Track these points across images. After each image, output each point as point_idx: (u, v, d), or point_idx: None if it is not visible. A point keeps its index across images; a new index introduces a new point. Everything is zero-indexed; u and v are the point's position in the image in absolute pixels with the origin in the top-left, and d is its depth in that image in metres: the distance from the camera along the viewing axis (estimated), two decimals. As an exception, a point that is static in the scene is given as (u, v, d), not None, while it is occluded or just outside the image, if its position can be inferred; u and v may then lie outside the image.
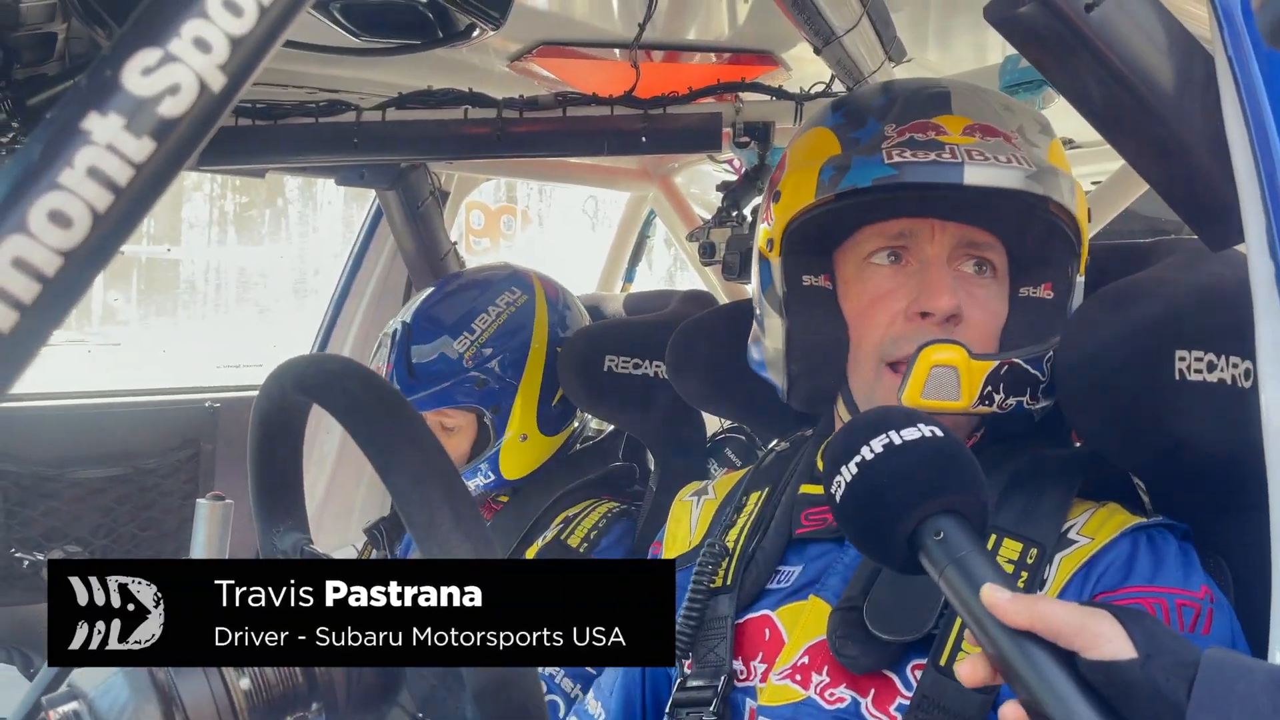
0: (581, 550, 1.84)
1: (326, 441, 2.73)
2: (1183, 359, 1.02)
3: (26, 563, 2.20)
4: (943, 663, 1.03)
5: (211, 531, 1.46)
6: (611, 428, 2.18)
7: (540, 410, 1.95)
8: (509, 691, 0.72)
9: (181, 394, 2.64)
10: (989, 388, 1.11)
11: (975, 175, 1.09)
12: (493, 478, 1.93)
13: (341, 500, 2.81)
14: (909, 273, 1.18)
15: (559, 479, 1.97)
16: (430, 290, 2.05)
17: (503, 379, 1.93)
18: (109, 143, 0.45)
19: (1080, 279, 1.20)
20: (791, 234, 1.22)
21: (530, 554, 1.87)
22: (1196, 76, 0.94)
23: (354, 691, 0.81)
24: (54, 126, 0.44)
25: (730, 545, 1.27)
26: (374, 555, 2.04)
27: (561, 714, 1.68)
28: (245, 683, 0.77)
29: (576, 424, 2.04)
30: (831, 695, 1.11)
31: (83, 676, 0.77)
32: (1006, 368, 1.12)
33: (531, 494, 1.95)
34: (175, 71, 0.46)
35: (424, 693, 0.83)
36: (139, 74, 0.46)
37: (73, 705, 0.75)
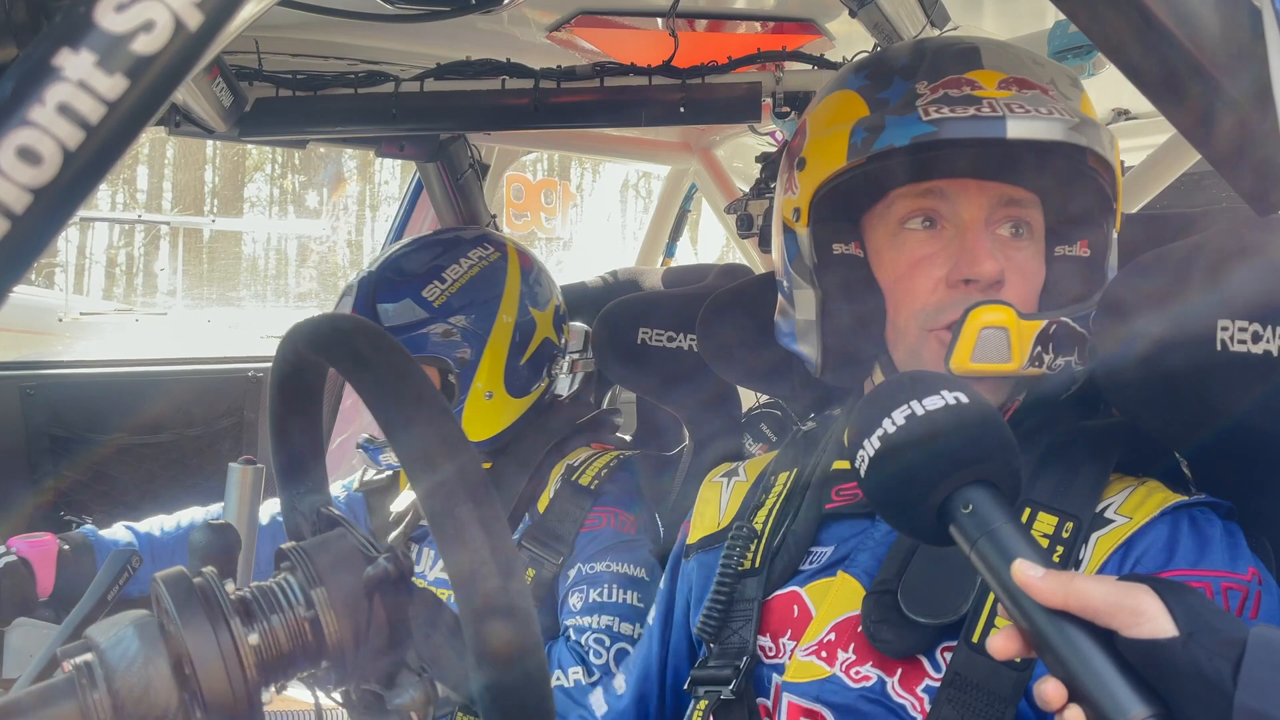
0: (592, 487, 1.85)
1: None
2: (1225, 329, 0.98)
3: (75, 526, 2.25)
4: (975, 639, 1.01)
5: (243, 494, 1.49)
6: (578, 386, 2.16)
7: (508, 369, 1.93)
8: (510, 650, 0.71)
9: (226, 363, 2.68)
10: (1038, 348, 1.09)
11: (1019, 128, 1.05)
12: None
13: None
14: (946, 238, 1.15)
15: (542, 437, 1.95)
16: (400, 244, 2.04)
17: (471, 332, 1.90)
18: (81, 80, 0.44)
19: (1114, 234, 1.17)
20: (819, 201, 1.19)
21: (542, 507, 1.87)
22: (1243, 31, 0.89)
23: (362, 650, 0.81)
24: (26, 63, 0.43)
25: (759, 527, 1.26)
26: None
27: (594, 678, 1.68)
28: (254, 638, 0.77)
29: (544, 383, 2.01)
30: (857, 673, 1.09)
31: (97, 629, 0.77)
32: (1055, 326, 1.10)
33: (515, 456, 1.93)
34: (149, 8, 0.45)
35: (430, 652, 0.83)
36: (112, 10, 0.45)
37: (86, 656, 0.76)
